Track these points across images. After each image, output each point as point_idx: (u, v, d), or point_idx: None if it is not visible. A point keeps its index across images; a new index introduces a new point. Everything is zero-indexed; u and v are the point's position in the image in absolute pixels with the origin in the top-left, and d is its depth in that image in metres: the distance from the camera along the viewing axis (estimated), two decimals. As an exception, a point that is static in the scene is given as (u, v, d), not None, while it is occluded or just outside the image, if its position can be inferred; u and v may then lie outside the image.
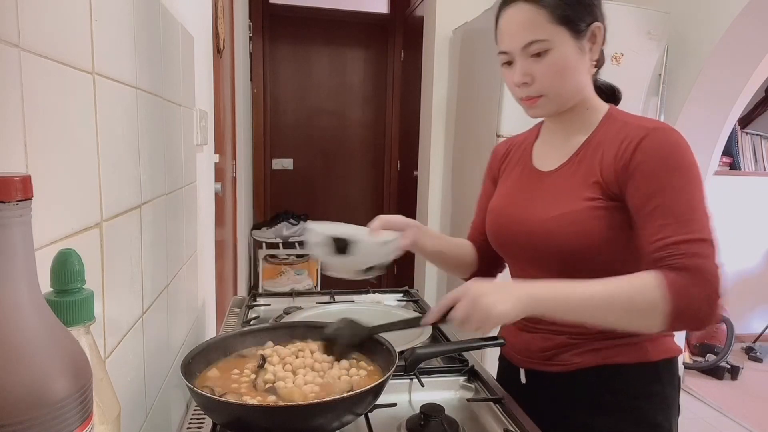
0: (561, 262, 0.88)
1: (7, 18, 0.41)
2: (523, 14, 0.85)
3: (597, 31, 0.87)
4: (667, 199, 0.78)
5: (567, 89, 0.87)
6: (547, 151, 0.98)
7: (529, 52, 0.85)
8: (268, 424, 0.66)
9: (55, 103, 0.49)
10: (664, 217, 0.77)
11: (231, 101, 2.24)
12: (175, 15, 0.97)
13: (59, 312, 0.39)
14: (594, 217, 0.84)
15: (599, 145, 0.87)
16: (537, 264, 0.92)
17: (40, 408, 0.31)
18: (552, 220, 0.87)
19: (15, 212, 0.32)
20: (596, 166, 0.86)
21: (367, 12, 4.16)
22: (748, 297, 3.64)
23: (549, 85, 0.86)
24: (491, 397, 0.90)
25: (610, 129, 0.88)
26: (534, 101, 0.88)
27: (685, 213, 0.77)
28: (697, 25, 2.46)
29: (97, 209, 0.58)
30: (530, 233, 0.91)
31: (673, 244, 0.75)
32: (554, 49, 0.84)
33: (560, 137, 0.95)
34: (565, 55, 0.84)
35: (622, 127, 0.86)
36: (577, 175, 0.88)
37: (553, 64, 0.84)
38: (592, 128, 0.91)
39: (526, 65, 0.86)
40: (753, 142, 3.72)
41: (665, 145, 0.80)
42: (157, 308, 0.83)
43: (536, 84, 0.86)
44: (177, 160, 0.98)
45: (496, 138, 2.31)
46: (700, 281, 0.74)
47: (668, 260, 0.75)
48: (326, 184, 4.22)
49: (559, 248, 0.87)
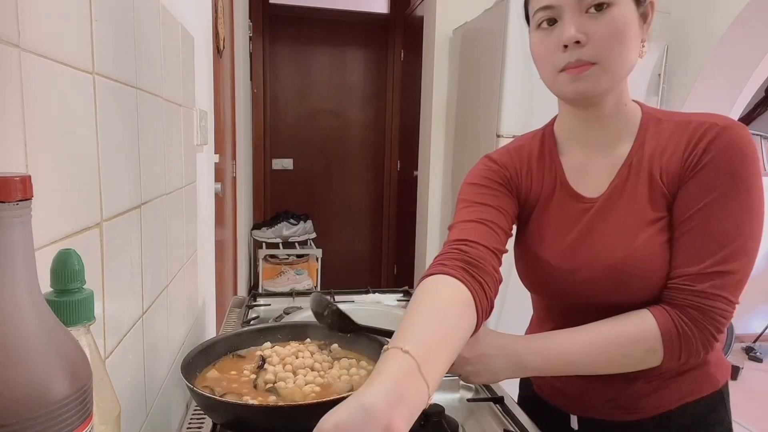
0: (639, 301, 0.74)
1: (7, 18, 0.41)
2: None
3: (651, 7, 0.72)
4: (712, 216, 0.69)
5: (622, 63, 0.71)
6: (583, 168, 0.80)
7: (588, 3, 0.68)
8: (269, 424, 0.66)
9: (55, 103, 0.49)
10: (697, 238, 0.69)
11: (231, 101, 2.24)
12: (175, 15, 0.97)
13: (59, 312, 0.39)
14: (666, 240, 0.73)
15: (654, 151, 0.74)
16: (605, 311, 0.76)
17: (40, 408, 0.31)
18: (628, 259, 0.73)
19: (15, 212, 0.32)
20: (656, 175, 0.74)
21: (367, 12, 4.16)
22: (748, 297, 3.64)
23: (606, 49, 0.68)
24: (491, 397, 0.90)
25: (661, 130, 0.75)
26: (584, 68, 0.69)
27: (723, 237, 0.68)
28: (697, 25, 2.46)
29: (97, 209, 0.58)
30: (605, 280, 0.75)
31: (687, 277, 0.69)
32: (617, 5, 0.68)
33: (595, 147, 0.79)
34: (628, 17, 0.69)
35: (677, 126, 0.74)
36: (636, 193, 0.75)
37: (614, 22, 0.68)
38: (634, 132, 0.77)
39: (579, 21, 0.69)
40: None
41: (738, 146, 0.68)
42: (157, 308, 0.83)
43: (591, 45, 0.68)
44: (177, 160, 0.98)
45: (496, 138, 2.31)
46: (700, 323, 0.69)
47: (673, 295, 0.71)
48: (326, 184, 4.22)
49: (638, 287, 0.74)
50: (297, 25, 4.00)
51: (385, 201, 4.33)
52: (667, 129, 0.75)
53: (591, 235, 0.77)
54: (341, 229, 4.27)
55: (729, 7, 2.27)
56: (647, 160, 0.75)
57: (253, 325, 1.06)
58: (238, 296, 1.48)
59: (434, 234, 3.00)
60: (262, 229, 3.58)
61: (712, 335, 0.69)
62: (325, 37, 4.07)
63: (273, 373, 0.75)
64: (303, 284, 3.42)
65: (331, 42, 4.08)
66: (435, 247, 3.01)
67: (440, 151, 2.96)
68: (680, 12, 2.51)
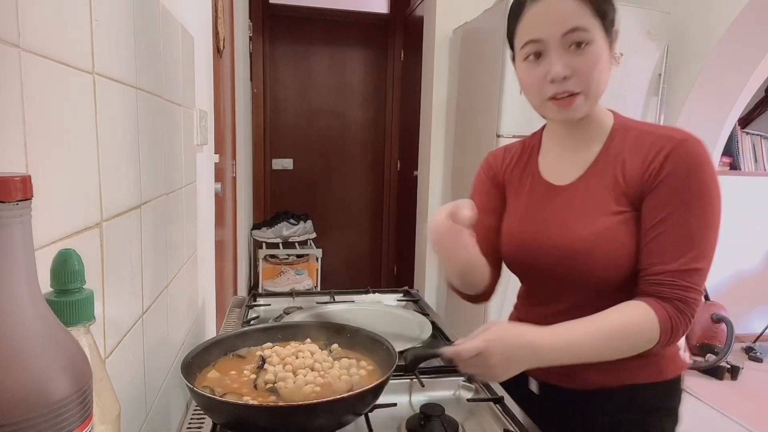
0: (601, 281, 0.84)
1: (7, 18, 0.41)
2: (565, 1, 0.79)
3: (617, 34, 0.84)
4: (679, 221, 0.78)
5: (600, 88, 0.81)
6: (556, 163, 0.93)
7: (570, 41, 0.78)
8: (269, 425, 0.66)
9: (55, 103, 0.49)
10: (669, 240, 0.78)
11: (231, 101, 2.24)
12: (175, 15, 0.97)
13: (59, 312, 0.39)
14: (627, 233, 0.82)
15: (619, 155, 0.84)
16: (569, 286, 0.88)
17: (40, 408, 0.31)
18: (586, 239, 0.83)
19: (15, 212, 0.32)
20: (619, 176, 0.83)
21: (367, 12, 4.16)
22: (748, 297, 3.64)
23: (589, 80, 0.79)
24: (491, 397, 0.90)
25: (627, 137, 0.85)
26: (571, 100, 0.80)
27: (691, 239, 0.78)
28: (697, 25, 2.46)
29: (97, 209, 0.58)
30: (565, 257, 0.85)
31: (668, 273, 0.78)
32: (595, 42, 0.78)
33: (569, 147, 0.90)
34: (602, 49, 0.79)
35: (640, 135, 0.84)
36: (600, 187, 0.85)
37: (593, 57, 0.78)
38: (605, 136, 0.87)
39: (564, 57, 0.78)
40: (753, 142, 3.72)
41: (693, 158, 0.78)
42: (157, 308, 0.83)
43: (575, 79, 0.78)
44: (177, 160, 0.98)
45: (496, 138, 2.31)
46: (685, 313, 0.78)
47: (661, 290, 0.78)
48: (326, 184, 4.22)
49: (601, 267, 0.83)
50: (297, 25, 4.00)
51: (385, 201, 4.33)
52: (632, 137, 0.85)
53: (553, 213, 0.89)
54: (341, 229, 4.27)
55: (729, 7, 2.27)
56: (611, 162, 0.85)
57: (253, 325, 1.06)
58: (238, 296, 1.48)
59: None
60: (262, 229, 3.58)
61: (689, 322, 0.79)
62: (325, 37, 4.06)
63: (273, 373, 0.75)
64: (303, 284, 3.42)
65: (331, 42, 4.08)
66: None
67: (440, 151, 2.96)
68: (680, 12, 2.51)
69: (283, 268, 3.49)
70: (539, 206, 0.92)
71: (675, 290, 0.78)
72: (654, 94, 2.50)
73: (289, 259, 3.60)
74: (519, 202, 0.96)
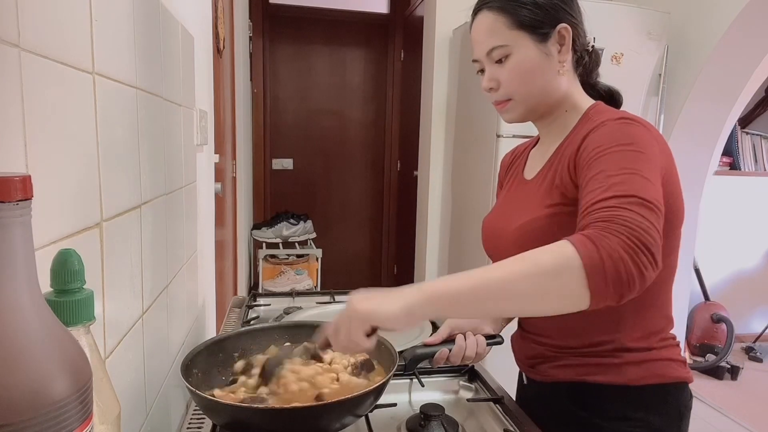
0: None
1: (7, 18, 0.41)
2: (485, 22, 0.88)
3: (564, 32, 0.87)
4: (607, 164, 0.72)
5: (534, 92, 0.88)
6: (533, 159, 0.99)
7: (493, 58, 0.88)
8: (269, 426, 0.66)
9: (55, 103, 0.49)
10: (598, 182, 0.70)
11: (231, 101, 2.24)
12: (175, 15, 0.97)
13: (59, 312, 0.39)
14: (555, 223, 0.82)
15: (568, 147, 0.86)
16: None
17: (40, 408, 0.31)
18: (517, 230, 0.88)
19: (15, 212, 0.32)
20: (565, 165, 0.84)
21: (367, 12, 4.16)
22: (748, 297, 3.64)
23: (514, 88, 0.88)
24: (491, 397, 0.90)
25: (582, 128, 0.85)
26: (503, 105, 0.91)
27: (620, 176, 0.69)
28: (697, 25, 2.46)
29: (97, 209, 0.58)
30: (506, 245, 0.88)
31: (596, 202, 0.68)
32: (514, 54, 0.87)
33: (545, 143, 0.97)
34: (527, 59, 0.86)
35: (588, 122, 0.85)
36: (546, 181, 0.88)
37: (514, 68, 0.87)
38: (569, 130, 0.90)
39: (491, 71, 0.89)
40: (753, 142, 3.72)
41: (617, 126, 0.78)
42: (157, 308, 0.83)
43: (502, 88, 0.89)
44: (177, 160, 0.98)
45: (496, 138, 2.31)
46: (618, 230, 0.62)
47: (588, 218, 0.67)
48: (326, 184, 4.22)
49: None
50: (297, 25, 4.00)
51: (385, 201, 4.33)
52: (586, 126, 0.85)
53: (512, 207, 0.95)
54: (341, 229, 4.27)
55: (729, 7, 2.27)
56: (561, 154, 0.88)
57: (253, 324, 1.06)
58: (238, 296, 1.48)
59: (434, 234, 3.00)
60: (262, 229, 3.58)
61: (628, 238, 0.62)
62: (325, 37, 4.06)
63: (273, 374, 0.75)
64: (303, 284, 3.42)
65: (331, 42, 4.08)
66: (435, 247, 3.01)
67: (440, 151, 2.95)
68: (680, 12, 2.51)
69: (283, 268, 3.49)
70: (508, 200, 0.99)
71: (594, 212, 0.66)
72: (654, 94, 2.50)
73: (289, 259, 3.60)
74: (500, 196, 1.05)
